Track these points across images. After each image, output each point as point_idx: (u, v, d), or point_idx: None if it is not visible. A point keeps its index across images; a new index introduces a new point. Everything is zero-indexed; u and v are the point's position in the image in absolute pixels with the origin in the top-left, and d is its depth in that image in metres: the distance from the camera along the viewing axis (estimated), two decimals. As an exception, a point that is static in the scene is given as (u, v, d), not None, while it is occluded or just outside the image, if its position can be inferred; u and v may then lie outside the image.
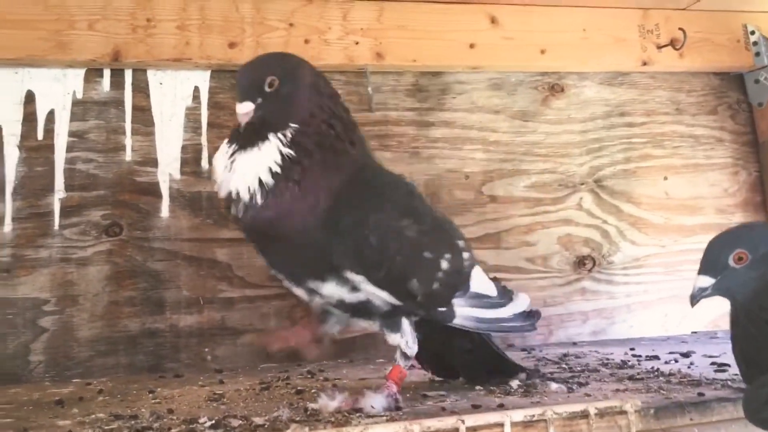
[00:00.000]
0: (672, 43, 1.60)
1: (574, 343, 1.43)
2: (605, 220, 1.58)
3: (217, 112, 1.42)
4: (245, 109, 0.82)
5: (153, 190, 1.37)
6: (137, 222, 1.35)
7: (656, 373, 0.94)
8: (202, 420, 0.75)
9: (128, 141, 1.37)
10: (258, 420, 0.73)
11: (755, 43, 1.65)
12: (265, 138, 0.81)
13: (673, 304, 1.58)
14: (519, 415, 0.64)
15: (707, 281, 0.80)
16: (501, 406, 0.71)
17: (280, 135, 0.80)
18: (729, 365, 0.96)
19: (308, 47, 1.42)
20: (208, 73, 1.42)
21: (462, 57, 1.50)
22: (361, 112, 1.47)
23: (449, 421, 0.63)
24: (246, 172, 0.80)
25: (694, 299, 0.81)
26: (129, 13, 1.35)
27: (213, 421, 0.74)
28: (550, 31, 1.54)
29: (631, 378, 0.89)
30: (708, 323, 1.58)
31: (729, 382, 0.87)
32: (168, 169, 1.38)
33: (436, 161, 1.50)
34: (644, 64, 1.60)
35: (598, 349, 1.25)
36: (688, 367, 0.99)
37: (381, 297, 0.80)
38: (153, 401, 0.90)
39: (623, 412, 0.67)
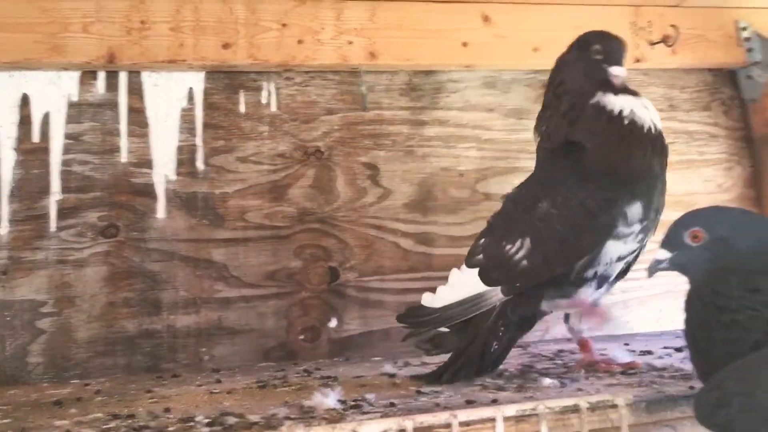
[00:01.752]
0: (664, 40, 1.61)
1: (569, 340, 1.44)
2: (600, 216, 1.58)
3: (212, 112, 1.42)
4: None
5: (149, 192, 1.37)
6: (133, 223, 1.36)
7: (649, 367, 0.95)
8: (198, 418, 0.76)
9: (123, 142, 1.37)
10: (253, 417, 0.74)
11: (747, 39, 1.66)
12: None
13: (668, 300, 1.59)
14: (511, 410, 0.65)
15: (664, 254, 0.83)
16: (495, 401, 0.71)
17: None
18: None
19: (302, 47, 1.43)
20: (202, 74, 1.42)
21: (455, 56, 1.51)
22: (354, 112, 1.49)
23: (442, 417, 0.64)
24: None
25: (650, 271, 0.85)
26: (123, 16, 1.36)
27: (209, 419, 0.75)
28: (543, 29, 1.55)
29: (624, 373, 0.90)
30: (703, 318, 1.59)
31: None
32: (163, 170, 1.38)
33: (430, 159, 1.51)
34: (637, 61, 1.60)
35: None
36: (681, 362, 1.00)
37: None
38: (150, 401, 0.91)
39: (614, 406, 0.68)
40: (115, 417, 0.79)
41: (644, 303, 1.58)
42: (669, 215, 1.58)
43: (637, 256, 1.08)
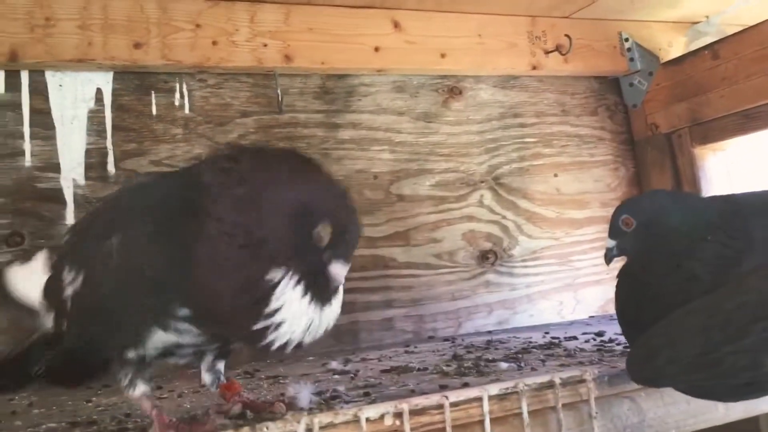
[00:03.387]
0: (558, 49, 1.72)
1: (489, 332, 1.51)
2: (504, 215, 1.66)
3: (122, 114, 1.38)
4: None
5: (56, 197, 1.30)
6: (40, 230, 1.28)
7: (582, 349, 1.01)
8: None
9: (27, 146, 1.30)
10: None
11: (629, 50, 1.80)
12: None
13: (567, 293, 1.69)
14: (495, 389, 0.69)
15: (610, 243, 0.90)
16: (466, 385, 0.74)
17: None
18: None
19: (216, 49, 1.41)
20: (110, 75, 1.37)
21: (367, 60, 1.54)
22: (270, 114, 1.48)
23: (434, 398, 0.66)
24: None
25: (607, 259, 0.91)
26: (26, 12, 1.28)
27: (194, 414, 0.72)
28: (449, 36, 1.61)
29: (567, 355, 0.96)
30: (598, 308, 1.71)
31: None
32: (71, 175, 1.32)
33: (345, 162, 1.53)
34: (534, 68, 1.70)
35: (516, 335, 1.33)
36: (609, 342, 1.07)
37: None
38: (98, 408, 0.87)
39: (583, 381, 0.74)
40: (74, 425, 0.74)
41: (546, 296, 1.67)
42: (565, 213, 1.73)
43: None
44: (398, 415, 0.65)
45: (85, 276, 0.71)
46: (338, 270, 0.66)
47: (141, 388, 0.70)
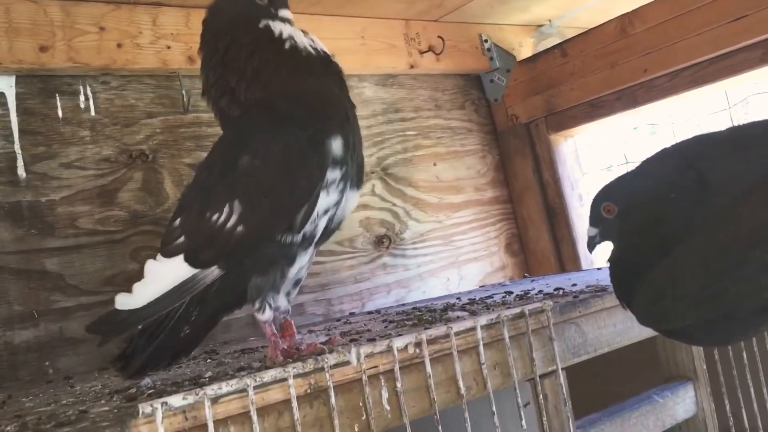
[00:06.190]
0: (431, 49, 1.89)
1: (403, 305, 1.64)
2: (394, 203, 1.81)
3: (28, 118, 1.37)
4: None
5: (-35, 204, 1.28)
6: (-48, 238, 1.25)
7: (506, 301, 1.16)
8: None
9: (-70, 152, 1.26)
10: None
11: (489, 50, 2.01)
12: None
13: (452, 269, 1.87)
14: (483, 320, 0.83)
15: (592, 231, 0.92)
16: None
17: None
18: (562, 288, 1.23)
19: (121, 51, 1.43)
20: (13, 79, 1.36)
21: (265, 61, 1.61)
22: (174, 115, 1.52)
23: (442, 329, 0.79)
24: None
25: (589, 247, 0.93)
26: (-75, 14, 1.25)
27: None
28: (335, 38, 1.73)
29: (504, 305, 1.10)
30: (478, 282, 1.90)
31: (577, 294, 1.10)
32: (-20, 180, 1.30)
33: (249, 158, 1.60)
34: (411, 67, 1.86)
35: (431, 302, 1.47)
36: (527, 294, 1.22)
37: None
38: (16, 413, 0.83)
39: (543, 311, 0.89)
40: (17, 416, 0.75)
41: (434, 274, 1.84)
42: (446, 199, 1.91)
43: (337, 211, 0.93)
44: (417, 345, 0.77)
45: (240, 199, 0.83)
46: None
47: (268, 314, 0.84)
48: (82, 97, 1.42)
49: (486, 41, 2.01)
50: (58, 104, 1.40)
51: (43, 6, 1.36)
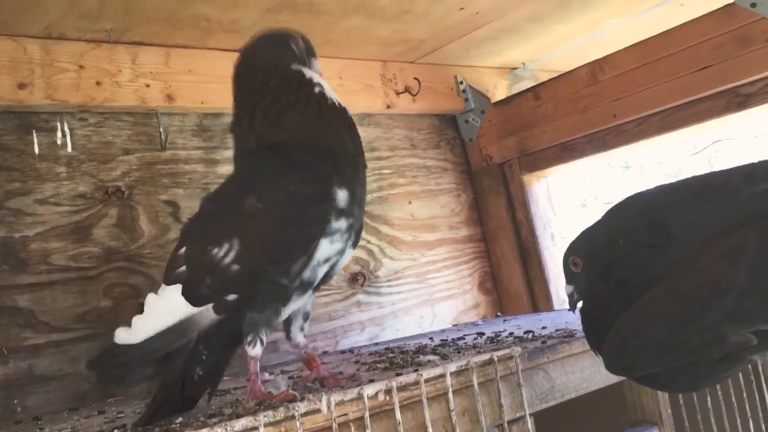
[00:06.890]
0: (408, 90, 1.93)
1: (376, 343, 1.65)
2: (369, 240, 1.83)
3: (4, 154, 1.37)
4: None
5: (-62, 239, 1.27)
6: None
7: (477, 344, 1.18)
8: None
9: None
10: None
11: (464, 91, 2.05)
12: None
13: (426, 307, 1.89)
14: (453, 367, 0.85)
15: (569, 289, 0.95)
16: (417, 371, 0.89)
17: None
18: (532, 331, 1.25)
19: (101, 89, 1.44)
20: (-10, 115, 1.36)
21: (243, 100, 1.63)
22: (151, 152, 1.53)
23: (412, 376, 0.80)
24: None
25: (569, 305, 0.95)
26: None
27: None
28: (314, 78, 1.75)
29: (474, 348, 1.12)
30: (451, 320, 1.92)
31: (546, 339, 1.13)
32: (-47, 216, 1.29)
33: (225, 196, 1.61)
34: (388, 107, 1.90)
35: (405, 342, 1.48)
36: (497, 336, 1.24)
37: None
38: None
39: (511, 357, 0.91)
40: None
41: (408, 311, 1.85)
42: (420, 236, 1.93)
43: (340, 259, 0.97)
44: (387, 392, 0.79)
45: (239, 238, 0.86)
46: None
47: (257, 350, 0.86)
48: (59, 134, 1.43)
49: (461, 83, 2.05)
50: (35, 140, 1.40)
51: (23, 44, 1.37)
